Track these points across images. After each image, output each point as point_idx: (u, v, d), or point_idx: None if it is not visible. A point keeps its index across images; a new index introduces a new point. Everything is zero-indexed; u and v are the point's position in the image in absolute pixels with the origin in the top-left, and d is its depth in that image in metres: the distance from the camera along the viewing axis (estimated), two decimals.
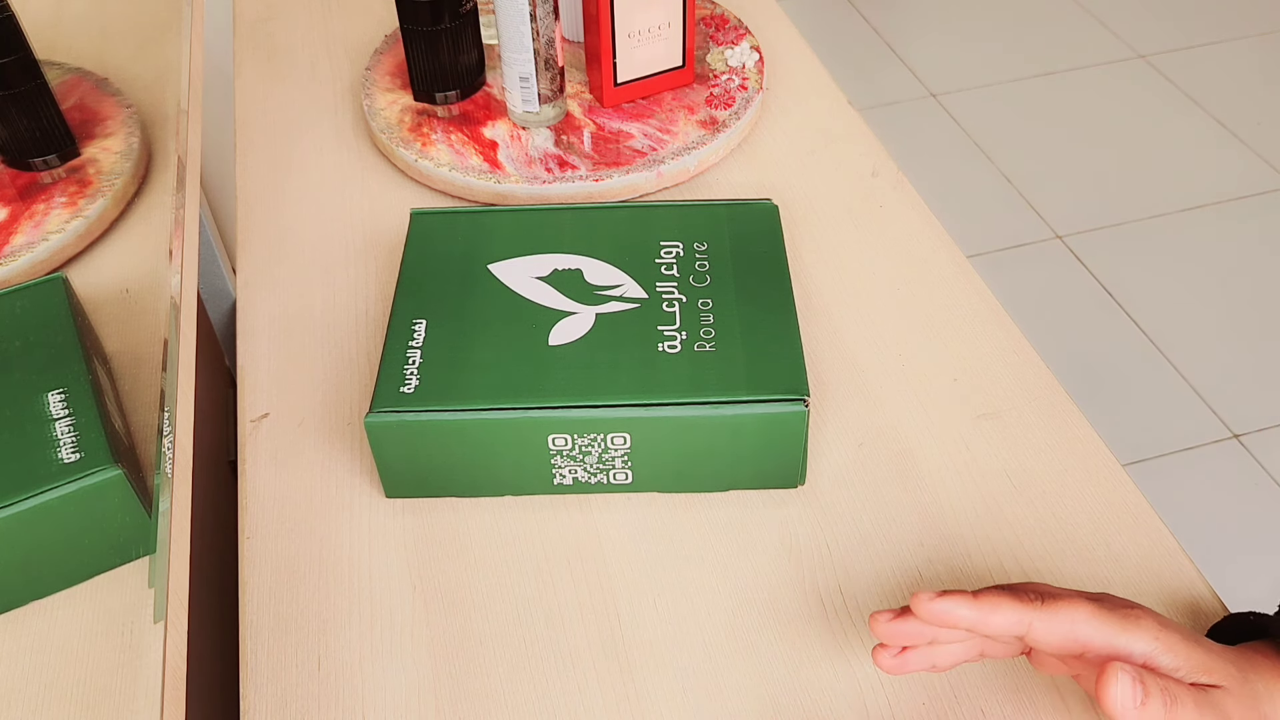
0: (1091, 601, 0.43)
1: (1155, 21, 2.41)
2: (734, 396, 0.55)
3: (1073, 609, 0.43)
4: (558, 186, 0.75)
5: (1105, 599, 0.45)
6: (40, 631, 0.45)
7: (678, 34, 0.80)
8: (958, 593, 0.43)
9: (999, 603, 0.43)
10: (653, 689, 0.51)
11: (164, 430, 0.53)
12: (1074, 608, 0.43)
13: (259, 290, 0.71)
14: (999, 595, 0.43)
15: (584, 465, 0.57)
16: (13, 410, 0.48)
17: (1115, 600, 0.45)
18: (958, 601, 0.43)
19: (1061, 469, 0.60)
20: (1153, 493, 1.47)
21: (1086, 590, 0.47)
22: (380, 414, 0.54)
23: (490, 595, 0.55)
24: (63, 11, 0.70)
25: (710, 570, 0.55)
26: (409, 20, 0.76)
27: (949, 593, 0.43)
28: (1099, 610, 0.43)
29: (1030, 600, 0.43)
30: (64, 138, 0.60)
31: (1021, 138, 2.11)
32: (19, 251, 0.53)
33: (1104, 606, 0.43)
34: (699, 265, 0.62)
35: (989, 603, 0.43)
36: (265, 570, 0.56)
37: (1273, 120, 2.13)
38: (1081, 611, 0.43)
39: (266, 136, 0.84)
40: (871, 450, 0.61)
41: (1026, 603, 0.43)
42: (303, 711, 0.51)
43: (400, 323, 0.59)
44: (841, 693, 0.51)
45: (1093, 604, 0.43)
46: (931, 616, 0.43)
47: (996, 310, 0.68)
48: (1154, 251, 1.87)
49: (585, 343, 0.58)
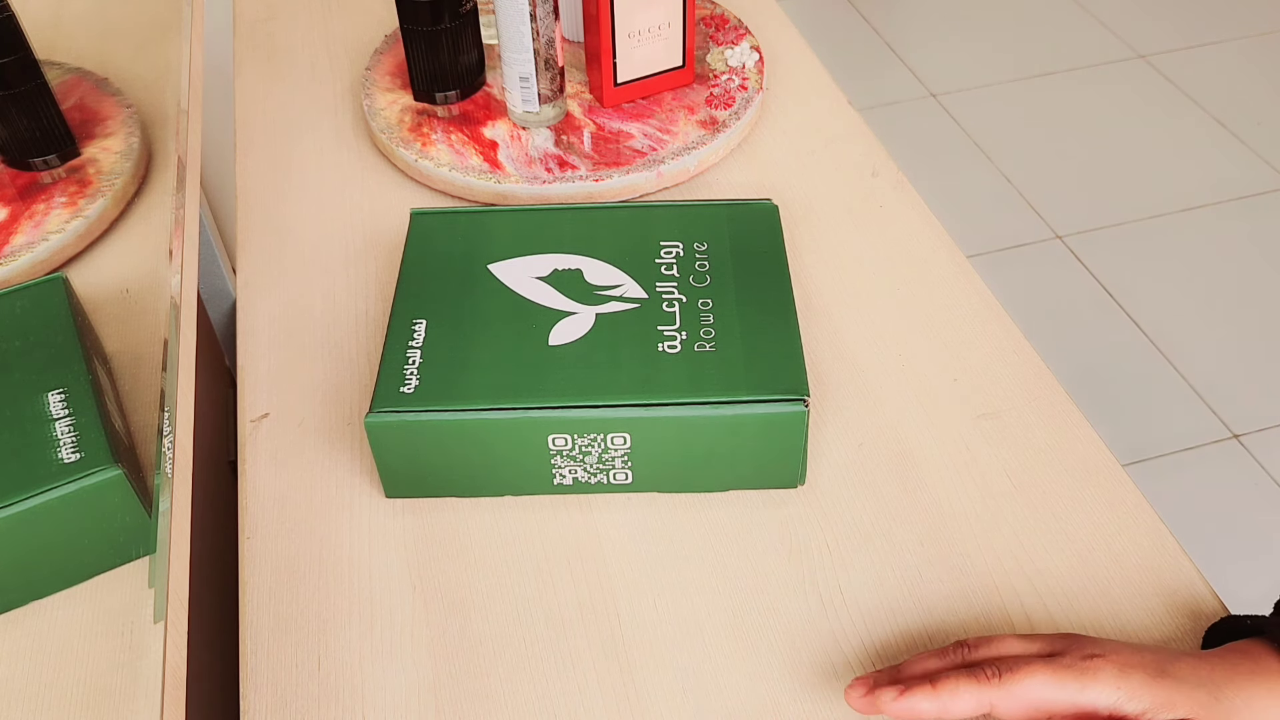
0: (1047, 666, 0.44)
1: (1155, 21, 2.41)
2: (734, 396, 0.55)
3: (1030, 678, 0.44)
4: (558, 186, 0.75)
5: (1064, 651, 0.46)
6: (40, 631, 0.45)
7: (678, 34, 0.80)
8: (919, 686, 0.45)
9: (957, 690, 0.44)
10: (653, 689, 0.51)
11: (164, 430, 0.53)
12: (1031, 676, 0.44)
13: (259, 290, 0.71)
14: (957, 681, 0.45)
15: (584, 465, 0.57)
16: (13, 410, 0.48)
17: (1074, 650, 0.46)
18: (919, 697, 0.45)
19: (1061, 469, 0.60)
20: (1153, 493, 1.47)
21: (1047, 639, 0.48)
22: (380, 414, 0.54)
23: (490, 595, 0.55)
24: (63, 11, 0.70)
25: (710, 570, 0.55)
26: (409, 20, 0.76)
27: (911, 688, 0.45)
28: (1056, 673, 0.44)
29: (988, 679, 0.44)
30: (64, 138, 0.60)
31: (1021, 138, 2.11)
32: (19, 251, 0.53)
33: (1060, 666, 0.44)
34: (699, 265, 0.62)
35: (949, 691, 0.44)
36: (265, 570, 0.56)
37: (1272, 120, 2.13)
38: (1038, 679, 0.44)
39: (266, 136, 0.84)
40: (871, 450, 0.61)
41: (984, 682, 0.44)
42: (303, 711, 0.51)
43: (400, 323, 0.59)
44: (841, 693, 0.51)
45: (1049, 668, 0.44)
46: (897, 714, 0.45)
47: (996, 310, 0.68)
48: (1154, 251, 1.86)
49: (585, 343, 0.58)
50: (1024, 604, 0.54)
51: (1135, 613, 0.53)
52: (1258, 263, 1.84)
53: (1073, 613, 0.53)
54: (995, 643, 0.47)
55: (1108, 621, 0.53)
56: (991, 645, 0.47)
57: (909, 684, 0.45)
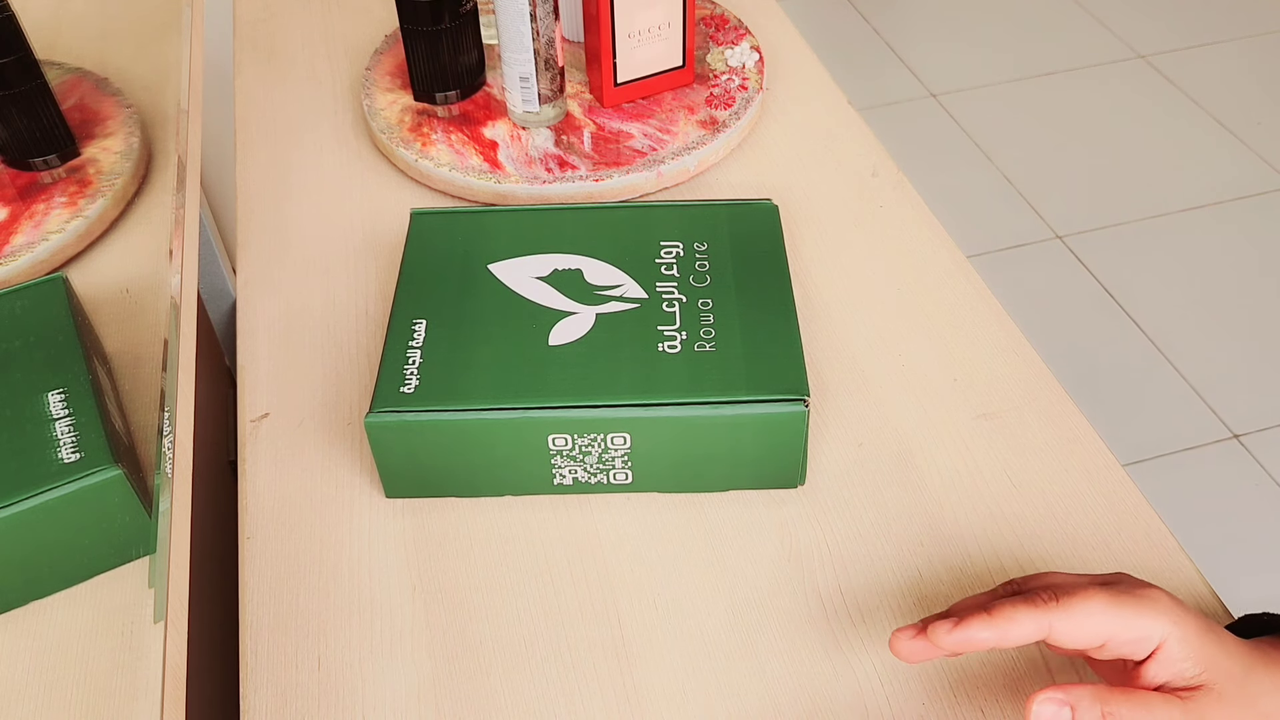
0: (1104, 590, 0.43)
1: (1155, 22, 2.41)
2: (734, 396, 0.55)
3: (1087, 602, 0.42)
4: (558, 186, 0.75)
5: (1118, 582, 0.44)
6: (40, 631, 0.45)
7: (678, 34, 0.80)
8: (974, 615, 0.43)
9: (1015, 615, 0.43)
10: (653, 689, 0.51)
11: (164, 430, 0.53)
12: (1089, 600, 0.43)
13: (259, 290, 0.71)
14: (1014, 606, 0.43)
15: (584, 465, 0.57)
16: (13, 410, 0.48)
17: (1129, 582, 0.44)
18: (976, 626, 0.43)
19: (1061, 469, 0.60)
20: (1153, 493, 1.47)
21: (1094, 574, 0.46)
22: (380, 414, 0.54)
23: (490, 595, 0.55)
24: (63, 11, 0.70)
25: (710, 570, 0.55)
26: (409, 20, 0.76)
27: (965, 618, 0.43)
28: (1114, 597, 0.43)
29: (1045, 602, 0.43)
30: (64, 138, 0.60)
31: (1021, 138, 2.12)
32: (19, 251, 0.53)
33: (1118, 591, 0.43)
34: (699, 265, 0.62)
35: (1005, 617, 0.43)
36: (265, 570, 0.56)
37: (1272, 120, 2.13)
38: (1097, 603, 0.42)
39: (266, 136, 0.84)
40: (871, 450, 0.61)
41: (1041, 606, 0.43)
42: (303, 711, 0.51)
43: (400, 323, 0.59)
44: (841, 693, 0.51)
45: (1106, 592, 0.43)
46: (954, 646, 0.43)
47: (996, 310, 0.68)
48: (1154, 251, 1.87)
49: (585, 343, 0.58)
50: None
51: None
52: (1258, 263, 1.84)
53: None
54: (1044, 576, 0.46)
55: None
56: (1041, 578, 0.46)
57: (963, 615, 0.43)
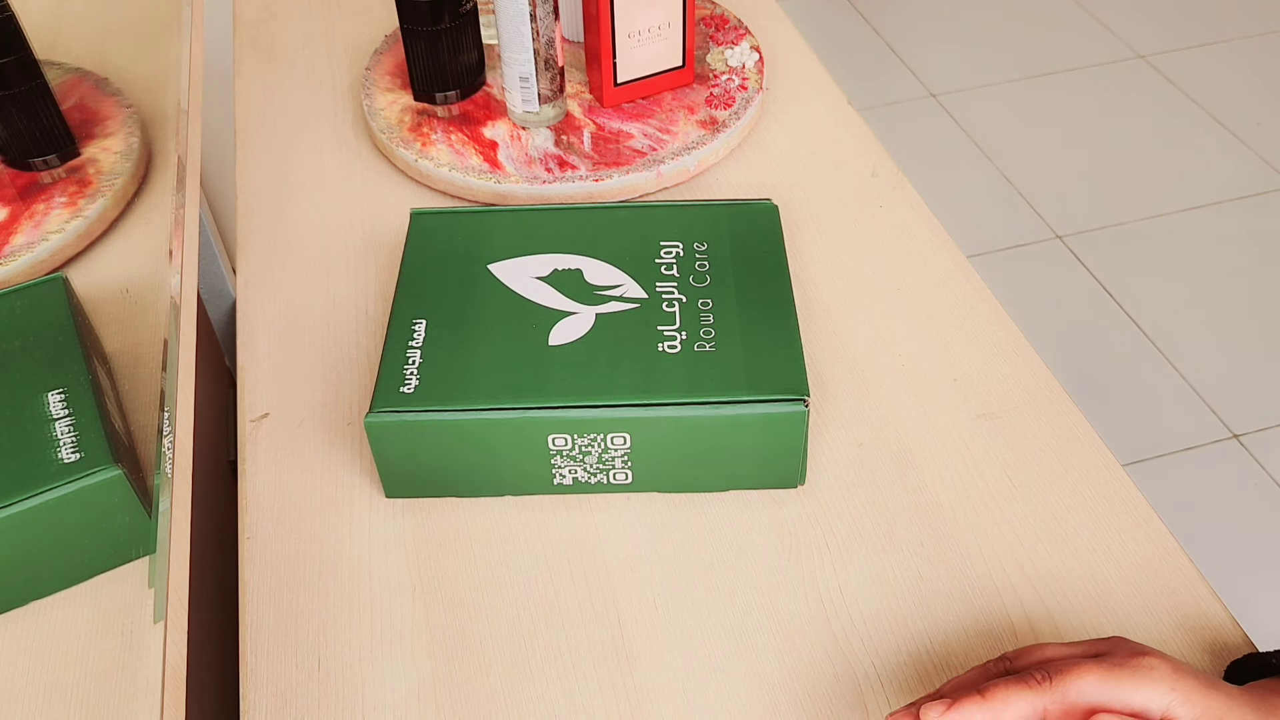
0: (1099, 665, 0.43)
1: (1155, 21, 2.41)
2: (734, 396, 0.55)
3: (1081, 678, 0.42)
4: (558, 186, 0.75)
5: (1112, 651, 0.44)
6: (40, 631, 0.45)
7: (678, 34, 0.80)
8: (968, 697, 0.43)
9: (1009, 698, 0.42)
10: (653, 689, 0.51)
11: (164, 430, 0.53)
12: (1082, 676, 0.42)
13: (259, 290, 0.71)
14: (1008, 688, 0.43)
15: (584, 465, 0.57)
16: (13, 410, 0.48)
17: (1123, 650, 0.44)
18: (970, 708, 0.42)
19: (1061, 469, 0.60)
20: (1153, 493, 1.47)
21: (1089, 640, 0.46)
22: (380, 414, 0.54)
23: (490, 595, 0.55)
24: (63, 11, 0.70)
25: (710, 570, 0.55)
26: (409, 20, 0.76)
27: (959, 699, 0.43)
28: (1109, 671, 0.42)
29: (1039, 683, 0.42)
30: (64, 138, 0.60)
31: (1021, 138, 2.11)
32: (19, 251, 0.53)
33: (1112, 664, 0.42)
34: (699, 265, 0.62)
35: (999, 700, 0.42)
36: (265, 570, 0.56)
37: (1272, 120, 2.13)
38: (1090, 679, 0.42)
39: (266, 136, 0.84)
40: (871, 450, 0.61)
41: (1035, 687, 0.42)
42: (303, 711, 0.51)
43: (400, 323, 0.59)
44: (841, 693, 0.51)
45: (1100, 667, 0.42)
46: None
47: (996, 310, 0.68)
48: (1154, 251, 1.86)
49: (585, 343, 0.58)
50: (1024, 604, 0.54)
51: (1135, 613, 0.53)
52: (1258, 263, 1.84)
53: (1072, 613, 0.53)
54: (1037, 650, 0.46)
55: (1107, 621, 0.53)
56: (1034, 653, 0.46)
57: (956, 695, 0.43)
